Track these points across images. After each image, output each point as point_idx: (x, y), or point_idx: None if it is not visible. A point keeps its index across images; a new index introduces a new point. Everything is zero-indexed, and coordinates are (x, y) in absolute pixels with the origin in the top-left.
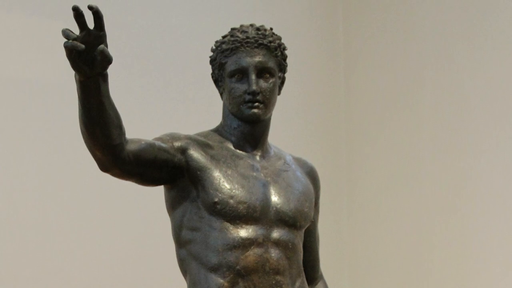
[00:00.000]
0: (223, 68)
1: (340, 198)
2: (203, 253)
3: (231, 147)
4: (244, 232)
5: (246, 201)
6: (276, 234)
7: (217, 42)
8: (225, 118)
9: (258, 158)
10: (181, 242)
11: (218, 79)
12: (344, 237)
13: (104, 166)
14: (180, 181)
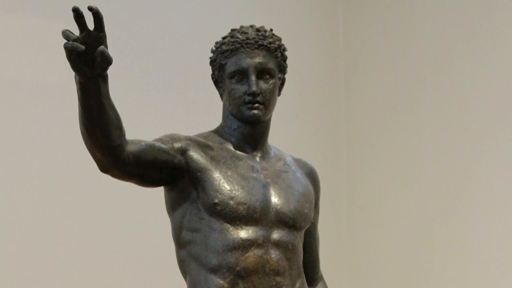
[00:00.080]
0: (223, 69)
1: (340, 199)
2: (203, 254)
3: (231, 148)
4: (244, 233)
5: (246, 202)
6: (276, 235)
7: (217, 43)
8: (225, 119)
9: (258, 159)
10: (181, 243)
11: (218, 80)
12: (344, 238)
13: (104, 167)
14: (180, 182)
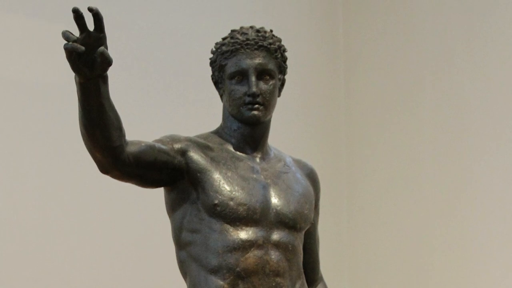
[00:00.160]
0: (223, 70)
1: (340, 200)
2: (203, 255)
3: (231, 149)
4: (244, 234)
5: (246, 203)
6: (276, 236)
7: (217, 44)
8: (225, 120)
9: (258, 160)
10: (181, 244)
11: (218, 81)
12: (344, 239)
13: (104, 168)
14: (180, 183)
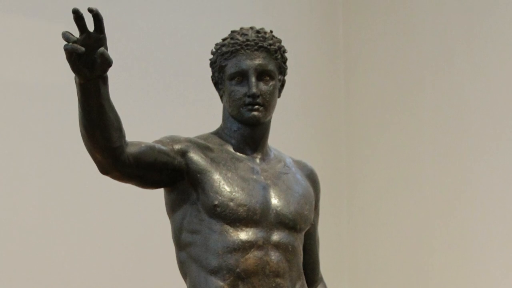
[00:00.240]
0: (223, 71)
1: (340, 201)
2: (203, 256)
3: (231, 149)
4: (244, 235)
5: (246, 203)
6: (276, 236)
7: (217, 44)
8: (225, 121)
9: (258, 160)
10: (181, 245)
11: (218, 82)
12: (344, 240)
13: (104, 169)
14: (180, 183)
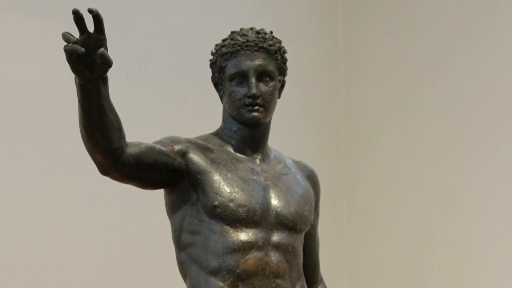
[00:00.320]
0: (223, 72)
1: (340, 202)
2: (203, 257)
3: (231, 150)
4: (244, 236)
5: (246, 204)
6: (276, 237)
7: (217, 45)
8: (225, 122)
9: (258, 161)
10: (181, 246)
11: (218, 83)
12: (344, 240)
13: (104, 170)
14: (180, 184)
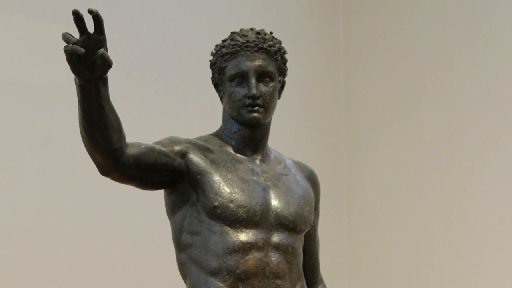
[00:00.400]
0: (223, 72)
1: (340, 202)
2: (203, 257)
3: (231, 151)
4: (244, 236)
5: (246, 205)
6: (276, 238)
7: (217, 46)
8: (225, 122)
9: (258, 162)
10: (181, 246)
11: (218, 83)
12: (344, 241)
13: (104, 170)
14: (180, 185)
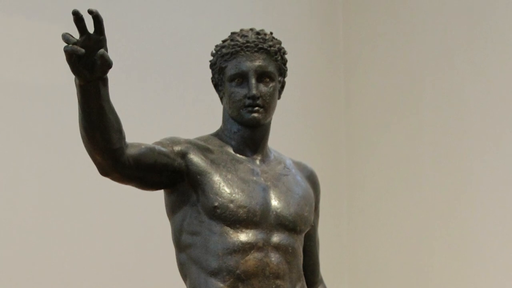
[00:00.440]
0: (223, 73)
1: (340, 202)
2: (203, 257)
3: (231, 151)
4: (244, 237)
5: (246, 205)
6: (276, 238)
7: (217, 46)
8: (225, 123)
9: (258, 162)
10: (181, 247)
11: (218, 84)
12: (344, 241)
13: (104, 170)
14: (180, 185)
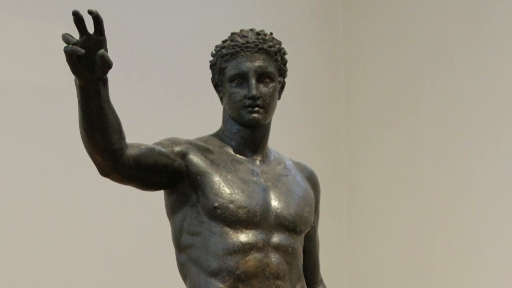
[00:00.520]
0: (223, 73)
1: (340, 203)
2: (203, 258)
3: (231, 151)
4: (244, 237)
5: (246, 205)
6: (276, 238)
7: (217, 46)
8: (225, 123)
9: (258, 162)
10: (181, 247)
11: (218, 84)
12: (344, 241)
13: (104, 171)
14: (180, 185)
